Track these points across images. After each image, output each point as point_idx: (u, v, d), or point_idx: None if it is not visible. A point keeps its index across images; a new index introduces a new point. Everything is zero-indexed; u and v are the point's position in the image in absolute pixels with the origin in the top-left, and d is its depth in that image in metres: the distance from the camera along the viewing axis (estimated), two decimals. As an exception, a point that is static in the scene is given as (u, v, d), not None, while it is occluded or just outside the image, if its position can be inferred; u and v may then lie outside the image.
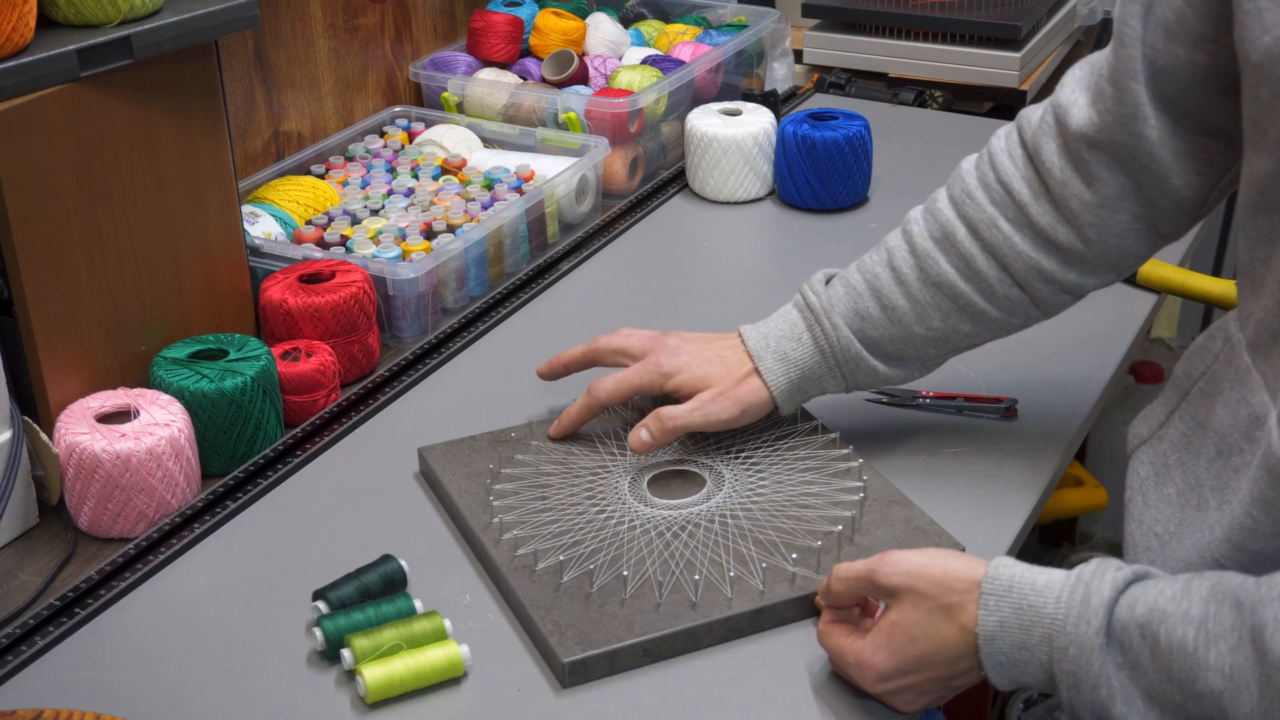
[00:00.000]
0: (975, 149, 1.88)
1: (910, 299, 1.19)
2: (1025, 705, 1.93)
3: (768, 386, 1.21)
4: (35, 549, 1.20)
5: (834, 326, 1.20)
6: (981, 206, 1.17)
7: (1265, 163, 0.94)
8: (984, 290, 1.18)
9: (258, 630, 1.09)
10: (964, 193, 1.18)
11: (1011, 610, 0.93)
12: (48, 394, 1.24)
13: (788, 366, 1.21)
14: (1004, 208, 1.16)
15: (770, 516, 1.17)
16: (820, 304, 1.21)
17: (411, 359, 1.44)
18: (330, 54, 1.75)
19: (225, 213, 1.37)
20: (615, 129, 1.75)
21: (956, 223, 1.18)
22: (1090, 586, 0.91)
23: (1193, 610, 0.87)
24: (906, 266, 1.19)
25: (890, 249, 1.21)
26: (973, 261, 1.17)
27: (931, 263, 1.18)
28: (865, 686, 1.00)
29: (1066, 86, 1.13)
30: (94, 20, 1.22)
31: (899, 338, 1.20)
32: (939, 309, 1.19)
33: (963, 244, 1.17)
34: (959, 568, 0.96)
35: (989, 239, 1.16)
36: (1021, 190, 1.15)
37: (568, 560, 1.11)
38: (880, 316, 1.20)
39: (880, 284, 1.20)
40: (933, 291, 1.19)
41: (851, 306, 1.21)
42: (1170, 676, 0.87)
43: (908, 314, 1.19)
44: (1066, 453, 1.30)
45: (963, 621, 0.95)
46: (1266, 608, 0.84)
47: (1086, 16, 2.22)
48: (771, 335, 1.23)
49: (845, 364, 1.21)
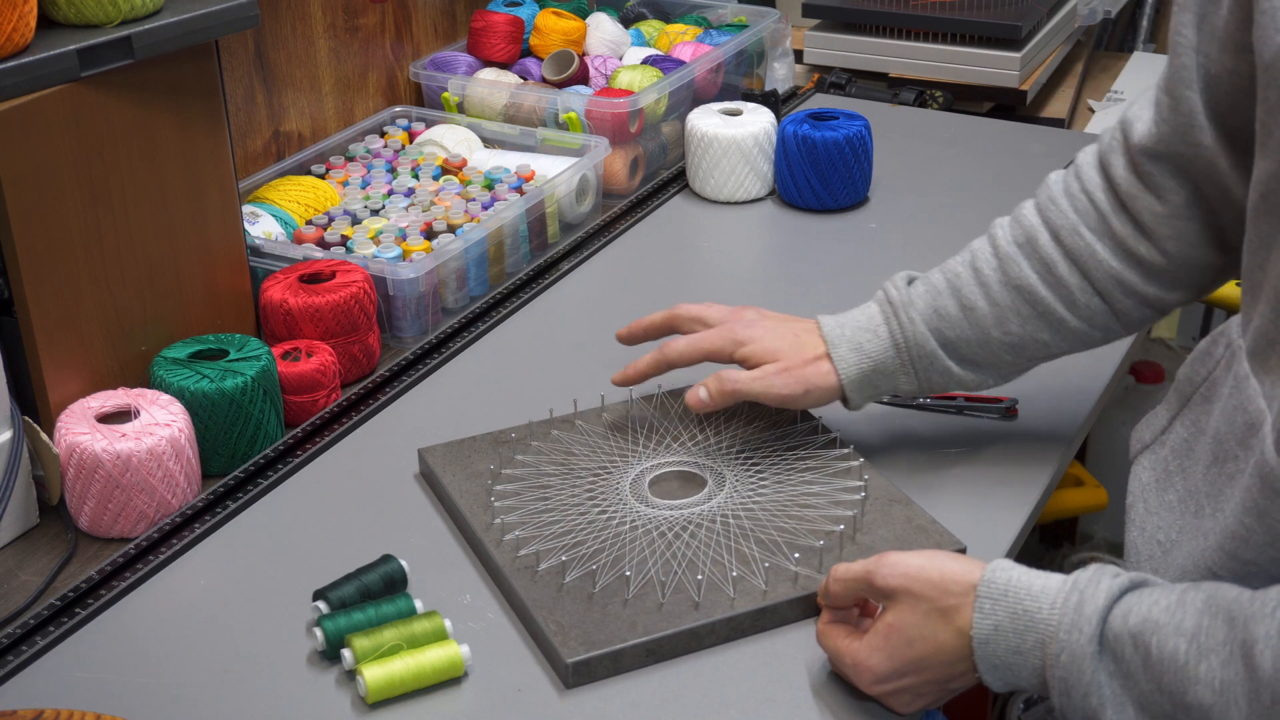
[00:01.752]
0: (975, 149, 1.90)
1: (990, 301, 1.18)
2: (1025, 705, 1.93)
3: (838, 374, 1.20)
4: (35, 549, 1.20)
5: (910, 321, 1.19)
6: (1065, 213, 1.15)
7: (1268, 165, 0.93)
8: (1065, 298, 1.16)
9: (258, 630, 1.09)
10: (1049, 199, 1.17)
11: (1006, 614, 0.93)
12: (48, 394, 1.24)
13: (860, 357, 1.20)
14: (1086, 216, 1.15)
15: (772, 516, 1.16)
16: (899, 299, 1.20)
17: (412, 359, 1.44)
18: (330, 54, 1.75)
19: (225, 213, 1.37)
20: (615, 129, 1.75)
21: (1040, 227, 1.17)
22: (1085, 594, 0.91)
23: (1186, 623, 0.87)
24: (989, 268, 1.18)
25: (974, 251, 1.20)
26: (1054, 267, 1.16)
27: (1013, 265, 1.17)
28: (862, 688, 1.00)
29: (1134, 101, 1.13)
30: (94, 20, 1.22)
31: (976, 340, 1.19)
32: (1018, 314, 1.17)
33: (1045, 248, 1.16)
34: (956, 570, 0.96)
35: (1071, 245, 1.15)
36: (1102, 201, 1.14)
37: (570, 561, 1.11)
38: (959, 316, 1.19)
39: (961, 283, 1.19)
40: (1013, 295, 1.17)
41: (930, 304, 1.19)
42: (1161, 688, 0.87)
43: (986, 316, 1.18)
44: (1066, 453, 1.30)
45: (959, 624, 0.95)
46: (1258, 624, 0.84)
47: (1086, 16, 2.22)
48: (848, 325, 1.22)
49: (919, 361, 1.19)
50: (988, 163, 1.86)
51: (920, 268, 1.58)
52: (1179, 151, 1.07)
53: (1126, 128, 1.12)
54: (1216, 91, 1.02)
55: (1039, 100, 2.13)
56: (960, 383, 1.21)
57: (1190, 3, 1.01)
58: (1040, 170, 1.79)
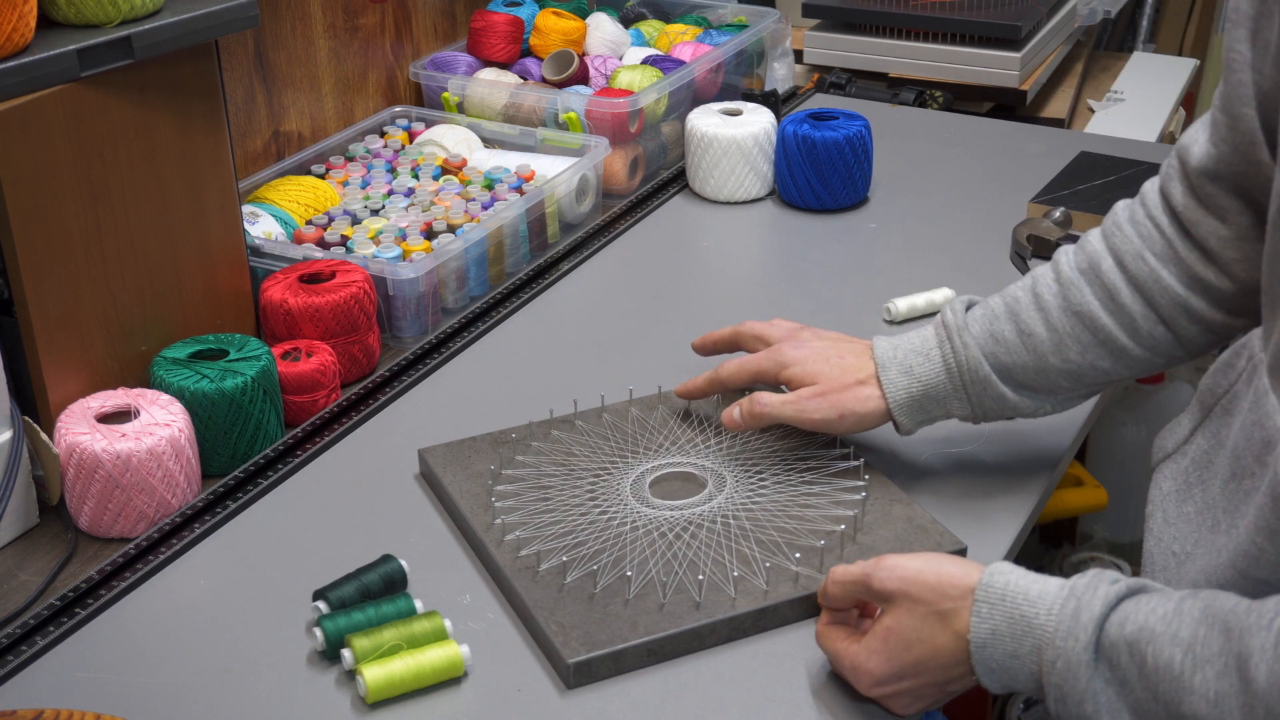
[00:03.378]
0: (975, 149, 1.90)
1: (1049, 327, 1.15)
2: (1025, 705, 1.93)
3: (885, 397, 1.18)
4: (35, 549, 1.20)
5: (964, 345, 1.16)
6: (1129, 239, 1.13)
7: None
8: (1127, 325, 1.13)
9: (258, 630, 1.09)
10: (1114, 226, 1.15)
11: (1004, 619, 0.93)
12: (48, 394, 1.24)
13: (910, 380, 1.18)
14: (1151, 242, 1.12)
15: (772, 517, 1.16)
16: (955, 323, 1.17)
17: (411, 359, 1.44)
18: (330, 54, 1.75)
19: (225, 213, 1.37)
20: (615, 129, 1.75)
21: (1104, 253, 1.14)
22: (1082, 601, 0.91)
23: (1182, 632, 0.87)
24: (1049, 294, 1.15)
25: (1035, 276, 1.17)
26: (1117, 294, 1.13)
27: (1075, 291, 1.14)
28: (861, 690, 1.00)
29: (1190, 127, 1.10)
30: (94, 20, 1.22)
31: (1033, 367, 1.16)
32: (1078, 341, 1.14)
33: (1108, 274, 1.13)
34: (954, 573, 0.96)
35: (1135, 271, 1.12)
36: (1166, 227, 1.12)
37: (571, 561, 1.11)
38: (1016, 342, 1.16)
39: (1020, 308, 1.16)
40: (1074, 321, 1.14)
41: (987, 329, 1.17)
42: (1156, 697, 0.87)
43: (1045, 342, 1.15)
44: (1066, 453, 1.30)
45: (957, 628, 0.95)
46: (1254, 636, 0.84)
47: (1086, 16, 2.22)
48: (901, 347, 1.19)
49: (972, 386, 1.17)
50: (988, 163, 1.86)
51: (920, 269, 1.59)
52: (1239, 170, 1.04)
53: (1183, 153, 1.10)
54: (1272, 107, 0.99)
55: (1039, 100, 2.13)
56: (1015, 409, 1.18)
57: (1244, 19, 0.98)
58: (1040, 170, 1.79)
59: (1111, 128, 2.08)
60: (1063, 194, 1.70)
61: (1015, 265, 1.59)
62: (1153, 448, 1.13)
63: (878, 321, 1.49)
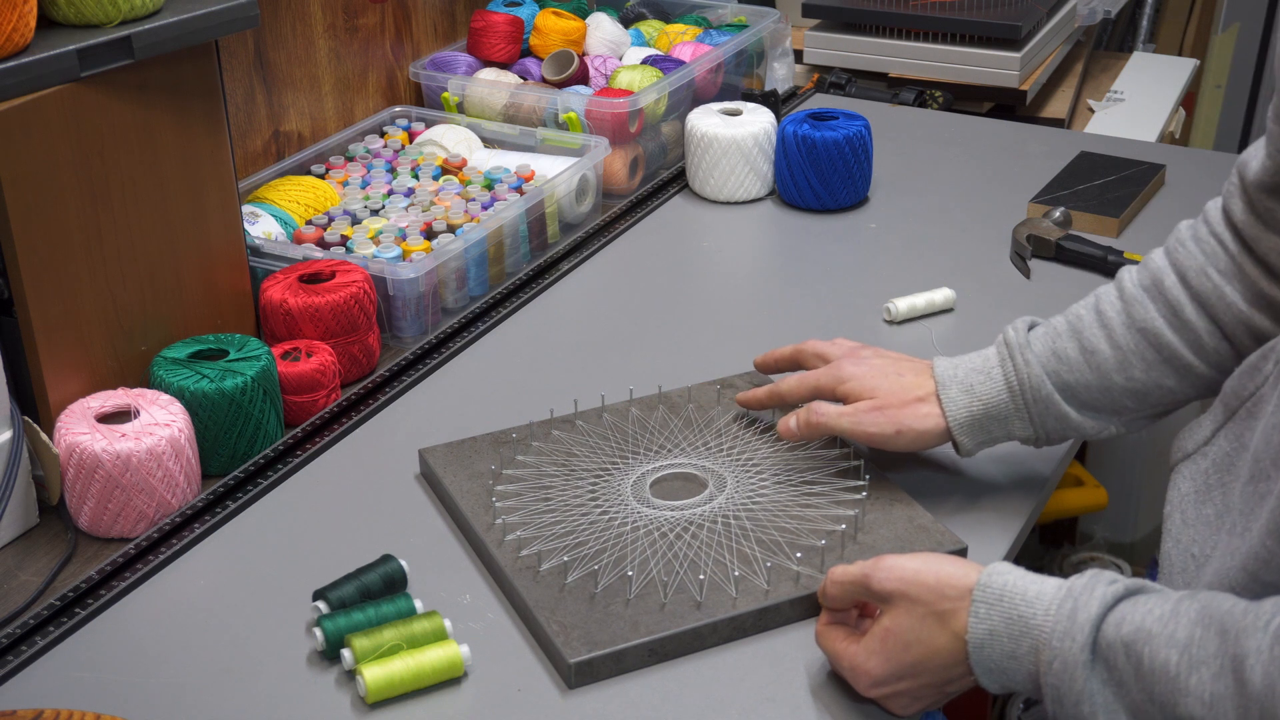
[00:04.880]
0: (975, 149, 1.90)
1: (1113, 345, 1.14)
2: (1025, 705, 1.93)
3: (945, 416, 1.17)
4: (35, 549, 1.20)
5: (1026, 363, 1.15)
6: (1193, 255, 1.12)
7: None
8: (1192, 342, 1.12)
9: (258, 630, 1.09)
10: (1177, 242, 1.14)
11: (1002, 620, 0.93)
12: (48, 394, 1.24)
13: (971, 399, 1.16)
14: (1214, 258, 1.11)
15: (773, 517, 1.16)
16: (1017, 340, 1.16)
17: (411, 359, 1.44)
18: (330, 54, 1.75)
19: (225, 213, 1.37)
20: (615, 129, 1.75)
21: (1167, 269, 1.13)
22: (1079, 601, 0.91)
23: (1178, 633, 0.87)
24: (1113, 311, 1.14)
25: (1099, 295, 1.17)
26: (1181, 310, 1.12)
27: (1139, 308, 1.13)
28: (860, 691, 1.00)
29: (1251, 145, 1.10)
30: (94, 20, 1.22)
31: (1097, 385, 1.15)
32: (1143, 358, 1.13)
33: (1171, 291, 1.12)
34: (953, 574, 0.96)
35: (1199, 287, 1.11)
36: (1230, 243, 1.11)
37: (572, 561, 1.11)
38: (1079, 360, 1.15)
39: (1083, 326, 1.15)
40: (1138, 339, 1.13)
41: (1049, 347, 1.16)
42: (1153, 698, 0.87)
43: (1109, 360, 1.14)
44: (1066, 453, 1.30)
45: (955, 628, 0.95)
46: (1250, 638, 0.84)
47: (1086, 16, 2.22)
48: (962, 366, 1.18)
49: (1034, 405, 1.15)
50: (988, 163, 1.86)
51: (920, 269, 1.58)
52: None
53: (1242, 168, 1.09)
54: None
55: (1039, 100, 2.13)
56: (1079, 429, 1.17)
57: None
58: (1040, 170, 1.79)
59: (1111, 128, 2.08)
60: (1063, 194, 1.70)
61: (1015, 265, 1.59)
62: (1172, 448, 1.12)
63: (878, 321, 1.49)
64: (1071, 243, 1.59)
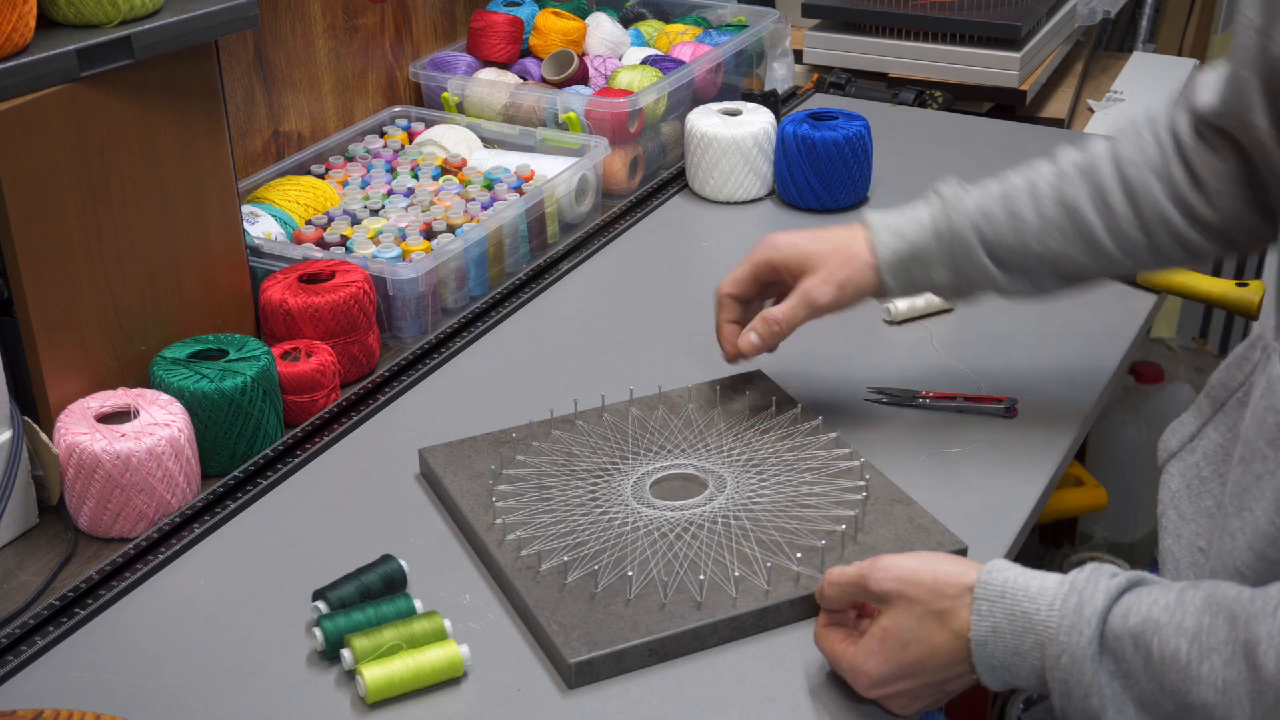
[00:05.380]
0: (975, 149, 1.90)
1: (1039, 214, 1.20)
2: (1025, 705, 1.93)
3: (874, 255, 1.22)
4: (35, 549, 1.20)
5: (956, 212, 1.21)
6: (1133, 146, 1.19)
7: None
8: (1110, 227, 1.19)
9: (258, 630, 1.09)
10: (1120, 132, 1.21)
11: (1004, 616, 0.93)
12: (48, 394, 1.24)
13: (899, 241, 1.22)
14: (1149, 156, 1.18)
15: (773, 517, 1.16)
16: (950, 194, 1.23)
17: (411, 359, 1.44)
18: (330, 54, 1.75)
19: (225, 213, 1.37)
20: (615, 129, 1.75)
21: (1105, 156, 1.20)
22: (1084, 595, 0.91)
23: (1186, 622, 0.87)
24: (1045, 184, 1.21)
25: (1034, 165, 1.23)
26: (1107, 195, 1.19)
27: (1070, 185, 1.20)
28: (859, 691, 1.00)
29: (1209, 69, 1.16)
30: (94, 20, 1.22)
31: (1016, 248, 1.21)
32: (1061, 231, 1.20)
33: (1104, 175, 1.19)
34: (950, 572, 0.96)
35: (1130, 176, 1.18)
36: (1167, 146, 1.18)
37: (572, 561, 1.11)
38: (1004, 222, 1.21)
39: (1014, 193, 1.21)
40: (1061, 213, 1.20)
41: (979, 205, 1.22)
42: (1163, 687, 0.87)
43: (1030, 227, 1.20)
44: (1066, 453, 1.30)
45: (955, 627, 0.95)
46: (1260, 624, 0.84)
47: (1086, 16, 2.22)
48: (893, 213, 1.25)
49: (957, 251, 1.21)
50: (988, 163, 1.85)
51: (920, 268, 1.58)
52: (1231, 126, 1.11)
53: (1192, 91, 1.16)
54: (1274, 75, 1.02)
55: (1039, 100, 2.12)
56: (995, 283, 1.23)
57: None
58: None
59: (1111, 128, 2.08)
60: (1063, 194, 1.70)
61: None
62: (1158, 448, 1.14)
63: (878, 322, 1.49)
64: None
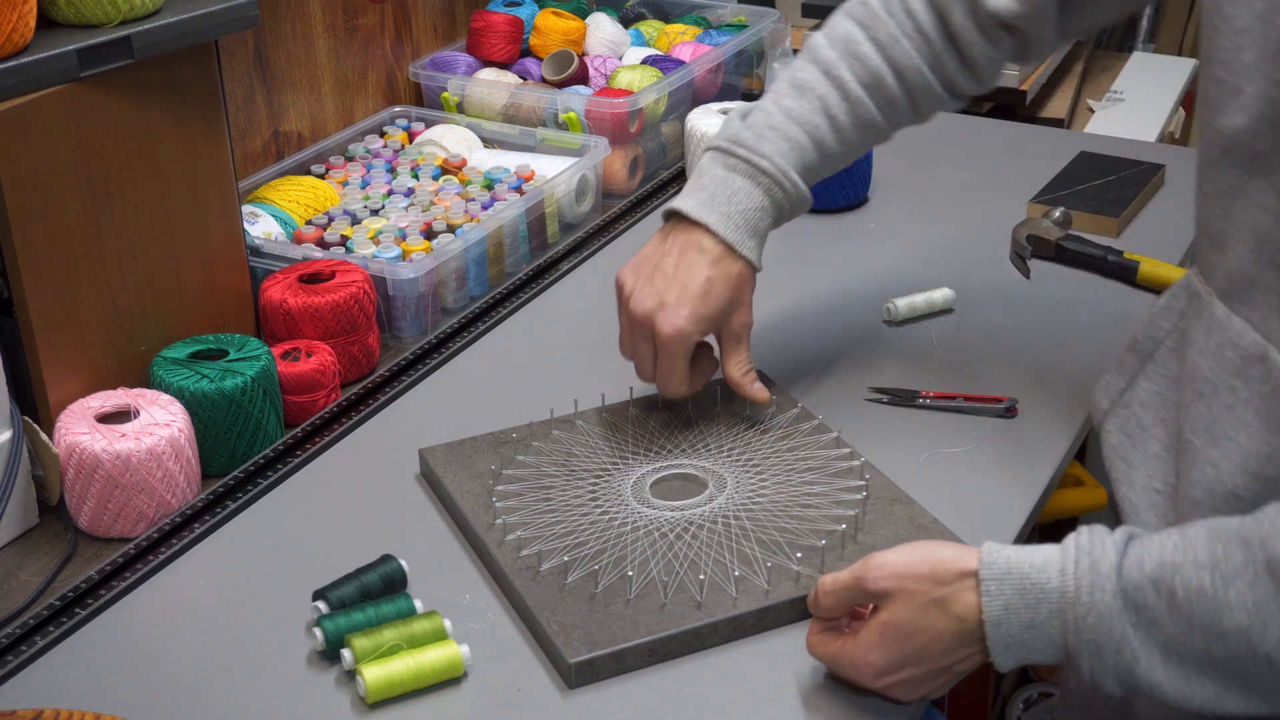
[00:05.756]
0: (975, 149, 1.90)
1: (842, 142, 1.26)
2: (1025, 705, 1.93)
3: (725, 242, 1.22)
4: (35, 549, 1.20)
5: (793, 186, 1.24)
6: (908, 53, 1.25)
7: (1237, 119, 0.96)
8: (893, 121, 1.29)
9: (258, 630, 1.09)
10: (890, 38, 1.25)
11: (1015, 591, 0.94)
12: (48, 394, 1.24)
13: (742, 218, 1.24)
14: (923, 54, 1.25)
15: (773, 517, 1.16)
16: (778, 169, 1.23)
17: (411, 359, 1.44)
18: (330, 54, 1.75)
19: (225, 213, 1.37)
20: (615, 129, 1.75)
21: (885, 68, 1.25)
22: (1094, 555, 0.92)
23: (1201, 556, 0.89)
24: (842, 115, 1.25)
25: (823, 99, 1.25)
26: (896, 103, 1.27)
27: (863, 107, 1.26)
28: (865, 684, 1.00)
29: None
30: (94, 20, 1.22)
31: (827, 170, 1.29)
32: (862, 146, 1.29)
33: (890, 89, 1.26)
34: (945, 558, 0.97)
35: (913, 82, 1.26)
36: (936, 41, 1.25)
37: (572, 561, 1.11)
38: (817, 163, 1.26)
39: (821, 135, 1.25)
40: (862, 134, 1.27)
41: (799, 163, 1.25)
42: (1192, 624, 0.89)
43: (838, 156, 1.28)
44: (1066, 453, 1.30)
45: (956, 611, 0.95)
46: (1274, 541, 0.87)
47: (1086, 17, 2.22)
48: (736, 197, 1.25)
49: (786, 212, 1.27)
50: (988, 163, 1.86)
51: (920, 269, 1.58)
52: (1026, 29, 1.23)
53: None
54: None
55: (1039, 100, 2.13)
56: None
57: None
58: (1040, 170, 1.79)
59: (1111, 128, 2.08)
60: (1063, 194, 1.70)
61: (1015, 265, 1.59)
62: (1091, 411, 1.19)
63: (878, 322, 1.49)
64: (1071, 243, 1.59)
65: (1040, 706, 1.92)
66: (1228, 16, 0.95)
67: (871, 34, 1.25)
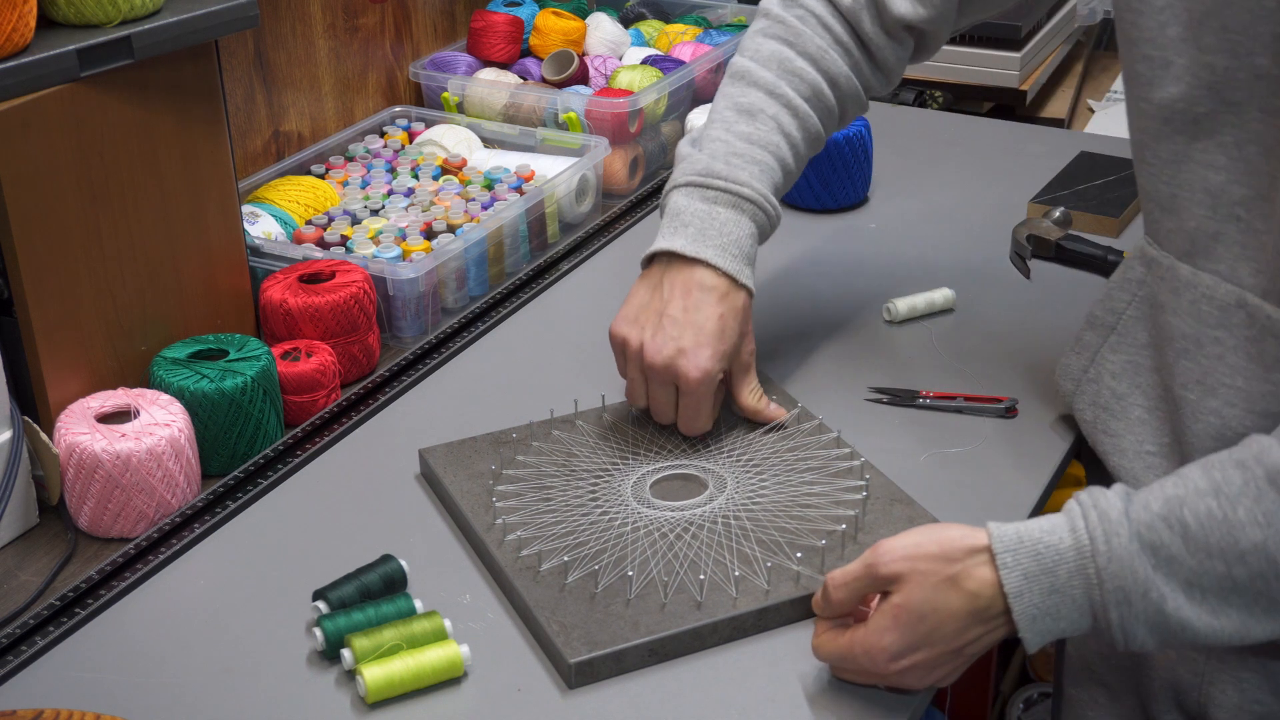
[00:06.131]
0: (975, 149, 1.90)
1: (798, 158, 1.30)
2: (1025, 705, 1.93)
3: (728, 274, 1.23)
4: (35, 549, 1.20)
5: (774, 208, 1.27)
6: (837, 62, 1.30)
7: (1173, 89, 1.03)
8: (830, 126, 1.34)
9: (258, 630, 1.09)
10: (819, 50, 1.29)
11: (1031, 558, 0.95)
12: (48, 394, 1.24)
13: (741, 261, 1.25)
14: (848, 60, 1.31)
15: (773, 517, 1.16)
16: (756, 198, 1.25)
17: (411, 359, 1.44)
18: (330, 54, 1.75)
19: (225, 213, 1.37)
20: (615, 129, 1.75)
21: (821, 80, 1.30)
22: (1101, 507, 0.94)
23: (1201, 484, 0.92)
24: (798, 133, 1.29)
25: (780, 123, 1.28)
26: (832, 112, 1.32)
27: (811, 121, 1.30)
28: (879, 669, 0.99)
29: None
30: (94, 20, 1.22)
31: (786, 188, 1.31)
32: (808, 157, 1.33)
33: (828, 99, 1.31)
34: (952, 537, 0.98)
35: (843, 87, 1.31)
36: (853, 49, 1.31)
37: (572, 561, 1.11)
38: (784, 183, 1.29)
39: (784, 156, 1.28)
40: (810, 146, 1.31)
41: (774, 185, 1.27)
42: (1210, 551, 0.91)
43: (794, 173, 1.31)
44: (1066, 453, 1.30)
45: (970, 588, 0.96)
46: (1269, 454, 0.90)
47: (1086, 16, 2.22)
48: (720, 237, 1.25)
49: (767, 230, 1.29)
50: (988, 163, 1.86)
51: (919, 269, 1.58)
52: (929, 30, 1.30)
53: (881, 2, 1.29)
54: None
55: (1039, 100, 2.13)
56: None
57: None
58: (1040, 170, 1.79)
59: (1111, 128, 2.08)
60: (1063, 194, 1.70)
61: (1015, 265, 1.59)
62: (1059, 395, 1.24)
63: (878, 322, 1.49)
64: (1071, 243, 1.59)
65: (1040, 706, 1.92)
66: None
67: (801, 49, 1.29)
